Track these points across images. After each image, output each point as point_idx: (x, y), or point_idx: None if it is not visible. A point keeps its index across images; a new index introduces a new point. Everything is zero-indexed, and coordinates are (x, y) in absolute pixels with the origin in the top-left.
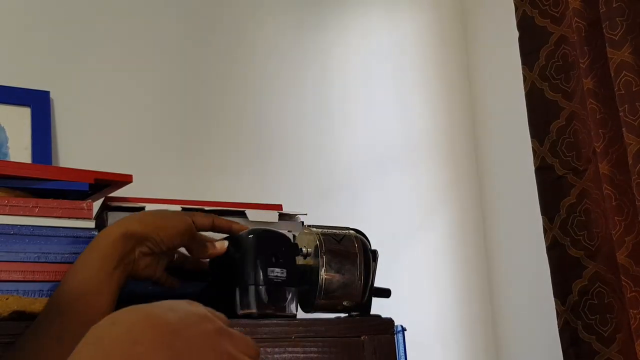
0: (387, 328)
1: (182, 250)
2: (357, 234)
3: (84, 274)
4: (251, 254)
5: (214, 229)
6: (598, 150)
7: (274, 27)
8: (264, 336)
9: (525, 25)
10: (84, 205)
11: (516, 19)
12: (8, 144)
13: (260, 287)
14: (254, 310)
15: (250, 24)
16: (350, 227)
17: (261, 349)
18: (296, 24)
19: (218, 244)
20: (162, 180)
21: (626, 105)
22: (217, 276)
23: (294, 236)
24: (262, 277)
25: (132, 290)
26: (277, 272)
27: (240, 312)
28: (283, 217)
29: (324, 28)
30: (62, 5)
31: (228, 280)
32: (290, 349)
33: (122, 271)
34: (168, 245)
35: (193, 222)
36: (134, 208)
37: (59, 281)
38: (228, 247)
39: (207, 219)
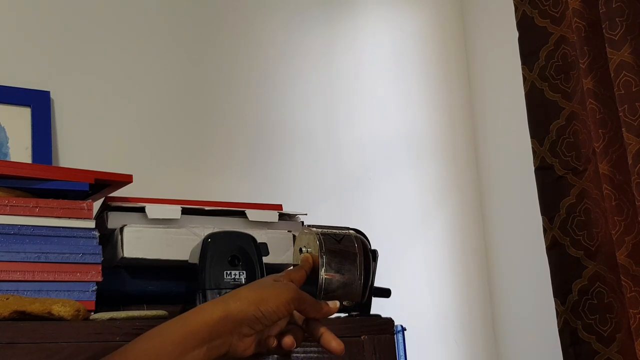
0: (387, 328)
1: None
2: (357, 234)
3: (161, 340)
4: (206, 258)
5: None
6: (598, 150)
7: (275, 27)
8: None
9: (525, 25)
10: (84, 205)
11: (516, 19)
12: (8, 144)
13: (216, 290)
14: None
15: (252, 23)
16: (350, 226)
17: None
18: (298, 23)
19: (331, 303)
20: (162, 180)
21: (626, 105)
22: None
23: (294, 236)
24: (218, 280)
25: (132, 290)
26: (234, 275)
27: None
28: (283, 217)
29: (325, 28)
30: (62, 6)
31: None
32: None
33: (206, 353)
34: (272, 319)
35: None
36: (134, 208)
37: (59, 281)
38: None
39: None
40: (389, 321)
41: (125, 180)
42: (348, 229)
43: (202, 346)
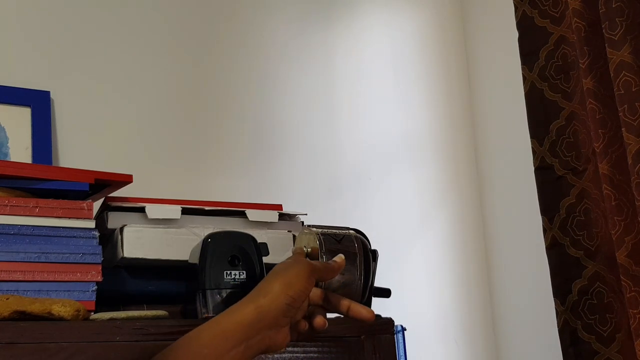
0: (387, 328)
1: None
2: (357, 234)
3: (195, 344)
4: (207, 257)
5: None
6: (597, 150)
7: (275, 27)
8: None
9: (525, 25)
10: (84, 205)
11: (516, 19)
12: (8, 144)
13: (216, 290)
14: (212, 314)
15: (252, 23)
16: (350, 226)
17: None
18: (298, 23)
19: (337, 258)
20: (162, 180)
21: (625, 105)
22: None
23: (294, 236)
24: (219, 280)
25: (132, 290)
26: (234, 275)
27: (201, 316)
28: (283, 217)
29: (326, 28)
30: (62, 6)
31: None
32: (290, 349)
33: (244, 352)
34: (302, 299)
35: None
36: (134, 208)
37: (59, 281)
38: None
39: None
40: (389, 321)
41: (125, 180)
42: (348, 229)
43: (240, 346)
